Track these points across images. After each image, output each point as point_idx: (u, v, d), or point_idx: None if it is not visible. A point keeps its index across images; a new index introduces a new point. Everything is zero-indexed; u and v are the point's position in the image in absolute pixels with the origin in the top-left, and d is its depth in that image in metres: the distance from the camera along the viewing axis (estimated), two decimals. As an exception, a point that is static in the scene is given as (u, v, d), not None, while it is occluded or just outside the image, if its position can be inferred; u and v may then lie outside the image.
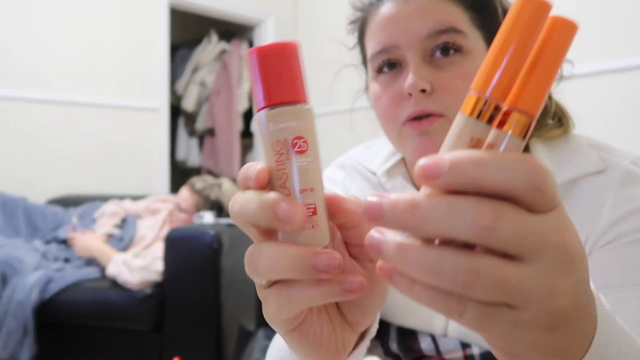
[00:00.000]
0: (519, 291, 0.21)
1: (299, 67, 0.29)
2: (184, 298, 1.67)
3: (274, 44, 0.28)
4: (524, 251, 0.22)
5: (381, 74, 0.59)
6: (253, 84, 0.29)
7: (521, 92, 0.23)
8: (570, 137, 0.59)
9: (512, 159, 0.21)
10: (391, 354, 0.69)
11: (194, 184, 2.08)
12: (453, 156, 0.21)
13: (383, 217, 0.22)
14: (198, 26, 3.75)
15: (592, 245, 0.53)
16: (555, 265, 0.22)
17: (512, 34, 0.22)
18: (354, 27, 0.65)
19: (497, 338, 0.24)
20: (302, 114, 0.29)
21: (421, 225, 0.22)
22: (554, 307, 0.22)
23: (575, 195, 0.55)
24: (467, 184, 0.21)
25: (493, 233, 0.21)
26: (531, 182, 0.21)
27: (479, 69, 0.24)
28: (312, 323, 0.31)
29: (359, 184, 0.71)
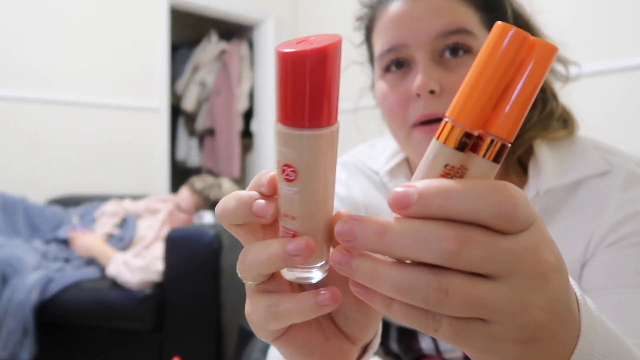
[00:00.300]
0: (490, 307, 0.22)
1: (325, 81, 0.24)
2: (184, 298, 1.67)
3: (308, 51, 0.23)
4: (493, 272, 0.22)
5: (388, 73, 0.58)
6: (297, 94, 0.24)
7: (497, 119, 0.23)
8: (575, 138, 0.59)
9: (481, 189, 0.22)
10: (391, 354, 0.69)
11: (194, 184, 2.08)
12: (422, 187, 0.22)
13: (355, 240, 0.23)
14: (198, 26, 3.75)
15: (595, 246, 0.53)
16: (527, 282, 0.22)
17: (488, 62, 0.22)
18: (361, 23, 0.64)
19: (474, 351, 0.24)
20: (300, 142, 0.25)
21: (390, 249, 0.22)
22: (528, 322, 0.23)
23: (579, 196, 0.55)
24: (435, 214, 0.22)
25: (458, 258, 0.21)
26: (499, 213, 0.21)
27: (455, 96, 0.24)
28: (297, 333, 0.32)
29: (361, 183, 0.71)
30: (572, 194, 0.56)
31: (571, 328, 0.26)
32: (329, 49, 0.23)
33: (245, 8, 3.36)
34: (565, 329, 0.25)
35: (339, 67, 0.24)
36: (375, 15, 0.60)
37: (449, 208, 0.22)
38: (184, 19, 3.61)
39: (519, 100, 0.23)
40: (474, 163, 0.24)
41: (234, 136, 3.57)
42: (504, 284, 0.22)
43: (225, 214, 0.28)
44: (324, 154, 0.25)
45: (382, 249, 0.23)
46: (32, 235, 2.06)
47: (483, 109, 0.23)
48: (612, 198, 0.53)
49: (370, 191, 0.69)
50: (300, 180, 0.26)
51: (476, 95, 0.23)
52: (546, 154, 0.58)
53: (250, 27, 3.60)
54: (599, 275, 0.52)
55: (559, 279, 0.24)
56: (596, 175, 0.55)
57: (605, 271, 0.51)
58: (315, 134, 0.25)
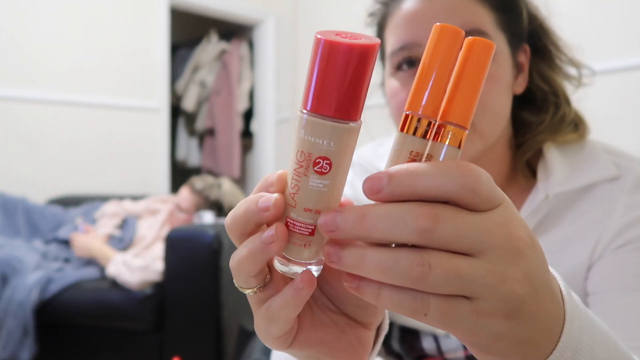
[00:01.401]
0: (470, 281, 0.23)
1: (366, 78, 0.25)
2: (184, 298, 1.67)
3: (354, 45, 0.24)
4: (468, 248, 0.24)
5: (400, 71, 0.58)
6: (309, 74, 0.25)
7: (450, 107, 0.25)
8: (585, 142, 0.59)
9: (444, 166, 0.24)
10: (393, 353, 0.69)
11: (194, 184, 2.08)
12: (392, 170, 0.24)
13: (338, 229, 0.24)
14: (198, 26, 3.75)
15: (603, 248, 0.53)
16: (502, 256, 0.24)
17: (433, 57, 0.25)
18: (373, 20, 0.64)
19: (463, 332, 0.25)
20: (341, 134, 0.25)
21: (371, 233, 0.24)
22: (509, 294, 0.24)
23: (587, 200, 0.55)
24: (406, 193, 0.24)
25: (433, 234, 0.23)
26: (463, 185, 0.23)
27: (410, 91, 0.26)
28: (309, 335, 0.32)
29: None
30: (581, 198, 0.55)
31: (554, 310, 0.27)
32: (377, 45, 0.25)
33: (245, 8, 3.36)
34: (546, 308, 0.26)
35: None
36: (389, 12, 0.59)
37: (418, 185, 0.23)
38: (184, 19, 3.61)
39: (468, 90, 0.25)
40: (438, 150, 0.26)
41: (234, 136, 3.57)
42: (482, 258, 0.24)
43: (236, 221, 0.28)
44: (354, 147, 0.27)
45: (363, 234, 0.24)
46: (32, 235, 2.06)
47: (435, 99, 0.25)
48: (620, 201, 0.53)
49: None
50: (333, 173, 0.26)
51: (425, 87, 0.25)
52: (556, 157, 0.57)
53: (250, 27, 3.60)
54: (605, 278, 0.52)
55: (534, 255, 0.25)
56: (606, 180, 0.55)
57: (611, 274, 0.51)
58: (355, 127, 0.26)
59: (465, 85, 0.25)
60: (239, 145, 3.60)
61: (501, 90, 0.55)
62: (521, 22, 0.58)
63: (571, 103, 0.61)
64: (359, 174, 0.72)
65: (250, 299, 0.31)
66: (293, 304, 0.28)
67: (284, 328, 0.29)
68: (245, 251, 0.28)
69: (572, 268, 0.55)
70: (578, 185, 0.55)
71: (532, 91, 0.61)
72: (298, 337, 0.32)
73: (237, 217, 0.28)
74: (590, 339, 0.28)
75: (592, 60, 0.64)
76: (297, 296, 0.28)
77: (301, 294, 0.28)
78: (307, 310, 0.33)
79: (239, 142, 3.62)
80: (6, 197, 2.11)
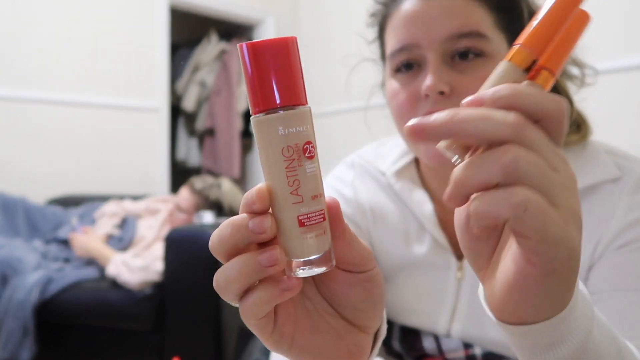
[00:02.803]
0: (552, 181, 0.25)
1: (300, 66, 0.28)
2: (184, 298, 1.67)
3: (274, 39, 0.26)
4: (550, 159, 0.26)
5: (399, 73, 0.58)
6: (253, 82, 0.27)
7: (551, 56, 0.29)
8: (586, 143, 0.59)
9: (544, 92, 0.27)
10: (393, 353, 0.69)
11: (193, 184, 2.07)
12: (495, 88, 0.27)
13: (428, 123, 0.26)
14: (198, 26, 3.75)
15: (603, 248, 0.53)
16: (569, 182, 0.26)
17: (553, 13, 0.29)
18: (374, 20, 0.64)
19: (531, 232, 0.25)
20: (310, 117, 0.28)
21: (461, 125, 0.25)
22: (577, 206, 0.26)
23: (589, 200, 0.55)
24: (506, 104, 0.26)
25: (525, 130, 0.25)
26: (558, 108, 0.26)
27: (526, 29, 0.30)
28: (307, 338, 0.32)
29: (368, 184, 0.70)
30: (583, 199, 0.55)
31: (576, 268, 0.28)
32: (294, 38, 0.28)
33: (245, 8, 3.36)
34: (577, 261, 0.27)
35: None
36: (389, 12, 0.59)
37: (520, 101, 0.26)
38: (184, 19, 3.61)
39: (566, 46, 0.30)
40: None
41: (234, 136, 3.56)
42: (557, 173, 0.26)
43: (222, 243, 0.28)
44: None
45: (455, 127, 0.26)
46: (32, 235, 2.06)
47: (543, 44, 0.29)
48: (621, 202, 0.53)
49: (376, 192, 0.69)
50: (316, 154, 0.28)
51: (543, 32, 0.29)
52: None
53: (250, 27, 3.60)
54: (605, 278, 0.52)
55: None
56: (608, 181, 0.55)
57: (611, 274, 0.51)
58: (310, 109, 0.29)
59: (566, 42, 0.30)
60: (239, 145, 3.60)
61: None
62: (522, 22, 0.58)
63: (574, 103, 0.61)
64: (360, 175, 0.71)
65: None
66: (272, 303, 0.28)
67: (260, 314, 0.29)
68: (236, 272, 0.28)
69: None
70: (579, 186, 0.55)
71: None
72: (297, 342, 0.31)
73: (224, 239, 0.28)
74: (590, 306, 0.31)
75: (594, 60, 0.64)
76: (281, 297, 0.28)
77: (284, 296, 0.28)
78: (306, 315, 0.33)
79: (239, 142, 3.62)
80: (6, 197, 2.10)
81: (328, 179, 0.74)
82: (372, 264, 0.31)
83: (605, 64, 1.77)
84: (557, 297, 0.27)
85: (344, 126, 3.01)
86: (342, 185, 0.71)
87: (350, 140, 2.94)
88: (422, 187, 0.66)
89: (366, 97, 0.74)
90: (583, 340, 0.29)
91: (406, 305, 0.65)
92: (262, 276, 0.28)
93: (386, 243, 0.67)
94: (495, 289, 0.29)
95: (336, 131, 3.10)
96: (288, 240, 0.28)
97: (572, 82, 0.62)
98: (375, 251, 0.68)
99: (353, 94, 0.79)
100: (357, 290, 0.31)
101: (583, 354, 0.30)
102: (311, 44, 3.32)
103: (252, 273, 0.27)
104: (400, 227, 0.66)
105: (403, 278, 0.66)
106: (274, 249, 0.27)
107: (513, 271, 0.27)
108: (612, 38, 1.81)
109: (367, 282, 0.31)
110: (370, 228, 0.68)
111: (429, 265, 0.63)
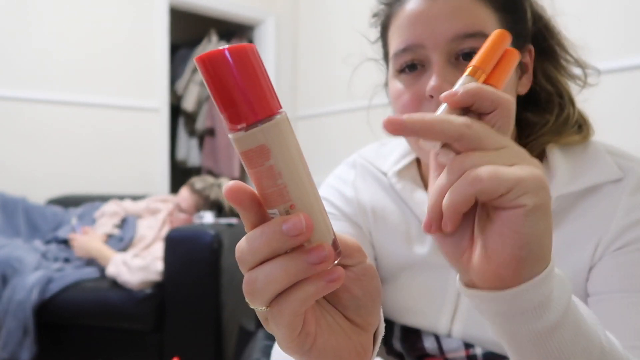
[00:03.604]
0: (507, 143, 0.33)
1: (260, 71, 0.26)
2: (184, 298, 1.67)
3: (232, 46, 0.25)
4: (494, 143, 0.32)
5: (402, 74, 0.57)
6: (229, 96, 0.25)
7: (494, 76, 0.39)
8: (588, 143, 0.59)
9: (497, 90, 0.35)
10: (394, 352, 0.69)
11: (194, 184, 2.07)
12: (465, 86, 0.34)
13: (403, 125, 0.31)
14: (198, 26, 3.75)
15: (603, 249, 0.53)
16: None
17: (493, 47, 0.39)
18: (377, 20, 0.63)
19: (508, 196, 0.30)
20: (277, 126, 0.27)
21: (429, 127, 0.31)
22: (525, 159, 0.32)
23: (591, 201, 0.55)
24: (474, 93, 0.34)
25: (471, 127, 0.32)
26: (507, 100, 0.34)
27: (478, 54, 0.38)
28: (325, 339, 0.32)
29: (369, 184, 0.70)
30: (584, 199, 0.55)
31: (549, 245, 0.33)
32: (250, 45, 0.27)
33: (245, 8, 3.36)
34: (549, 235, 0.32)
35: None
36: (392, 12, 0.58)
37: (482, 92, 0.34)
38: (184, 19, 3.61)
39: (503, 72, 0.40)
40: None
41: (234, 136, 3.56)
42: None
43: (254, 253, 0.28)
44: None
45: (424, 126, 0.31)
46: (32, 235, 2.06)
47: (490, 67, 0.39)
48: (621, 203, 0.53)
49: (377, 193, 0.68)
50: (274, 157, 0.29)
51: (487, 59, 0.39)
52: (559, 159, 0.57)
53: (250, 27, 3.60)
54: (604, 279, 0.52)
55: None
56: (609, 182, 0.54)
57: (611, 275, 0.51)
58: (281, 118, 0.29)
59: (503, 70, 0.39)
60: (239, 145, 3.59)
61: (505, 91, 0.55)
62: (525, 23, 0.57)
63: (575, 104, 0.61)
64: (361, 175, 0.71)
65: (261, 315, 0.30)
66: (318, 296, 0.28)
67: (294, 319, 0.29)
68: (279, 271, 0.27)
69: (574, 269, 0.54)
70: (581, 187, 0.55)
71: (536, 92, 0.61)
72: (317, 343, 0.31)
73: (258, 248, 0.27)
74: (559, 293, 0.34)
75: (595, 61, 0.64)
76: (328, 288, 0.28)
77: (331, 287, 0.28)
78: (321, 315, 0.33)
79: (239, 142, 3.61)
80: (6, 197, 2.10)
81: (329, 179, 0.74)
82: (363, 255, 0.32)
83: (605, 64, 1.77)
84: (539, 241, 0.31)
85: (344, 126, 3.01)
86: (344, 185, 0.71)
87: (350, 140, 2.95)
88: (423, 187, 0.65)
89: (366, 96, 0.74)
90: (565, 305, 0.34)
91: (407, 305, 0.65)
92: (310, 273, 0.27)
93: (387, 243, 0.67)
94: (477, 264, 0.33)
95: (336, 131, 3.11)
96: (317, 232, 0.28)
97: (574, 82, 0.62)
98: (376, 251, 0.68)
99: (354, 93, 0.79)
100: (356, 285, 0.32)
101: (565, 320, 0.34)
102: (311, 44, 3.32)
103: (301, 272, 0.27)
104: (402, 227, 0.66)
105: (404, 278, 0.66)
106: (297, 216, 0.27)
107: (495, 236, 0.32)
108: (612, 38, 1.81)
109: (362, 276, 0.32)
110: (372, 228, 0.68)
111: (430, 266, 0.63)
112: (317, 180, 0.34)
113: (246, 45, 0.25)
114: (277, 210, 0.28)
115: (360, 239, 0.67)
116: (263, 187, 0.27)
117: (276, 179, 0.27)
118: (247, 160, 0.27)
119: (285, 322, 0.29)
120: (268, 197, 0.27)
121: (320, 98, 3.21)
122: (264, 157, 0.26)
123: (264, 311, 0.29)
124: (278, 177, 0.27)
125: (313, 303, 0.30)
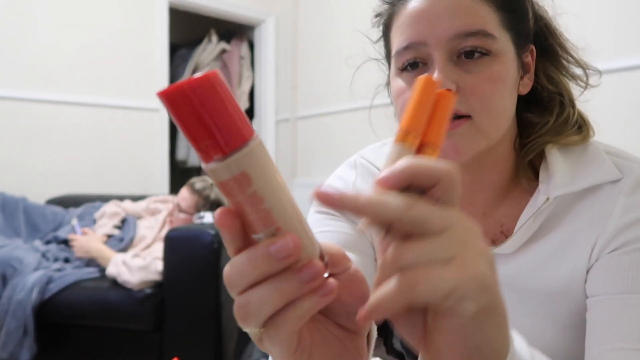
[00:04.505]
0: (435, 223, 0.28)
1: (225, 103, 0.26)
2: (184, 298, 1.67)
3: (194, 79, 0.24)
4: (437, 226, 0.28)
5: (405, 72, 0.57)
6: (198, 130, 0.25)
7: (431, 131, 0.35)
8: (587, 144, 0.59)
9: (433, 160, 0.30)
10: (394, 352, 0.69)
11: (194, 184, 2.07)
12: (396, 165, 0.29)
13: (334, 202, 0.27)
14: (198, 26, 3.75)
15: (600, 250, 0.53)
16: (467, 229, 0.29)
17: (421, 99, 0.35)
18: (379, 20, 0.63)
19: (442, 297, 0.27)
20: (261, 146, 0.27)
21: (364, 211, 0.28)
22: (477, 246, 0.28)
23: (589, 201, 0.55)
24: (408, 175, 0.29)
25: (410, 211, 0.27)
26: (448, 171, 0.29)
27: (405, 111, 0.34)
28: (321, 350, 0.32)
29: (370, 185, 0.70)
30: (583, 200, 0.55)
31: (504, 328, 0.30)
32: (213, 73, 0.26)
33: (245, 8, 3.36)
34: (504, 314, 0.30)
35: None
36: (395, 11, 0.59)
37: (416, 171, 0.29)
38: (184, 19, 3.61)
39: (441, 121, 0.35)
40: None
41: (234, 136, 3.56)
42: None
43: (242, 277, 0.27)
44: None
45: (359, 209, 0.28)
46: (32, 235, 2.06)
47: (423, 123, 0.34)
48: (618, 203, 0.53)
49: None
50: (255, 184, 0.28)
51: (420, 115, 0.35)
52: (558, 159, 0.57)
53: (250, 27, 3.60)
54: (601, 280, 0.52)
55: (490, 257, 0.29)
56: (608, 182, 0.54)
57: (607, 277, 0.51)
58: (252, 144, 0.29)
59: (439, 120, 0.35)
60: (238, 146, 3.60)
61: (506, 91, 0.55)
62: (527, 22, 0.57)
63: (576, 105, 0.61)
64: (362, 175, 0.71)
65: (254, 337, 0.30)
66: (313, 311, 0.28)
67: (289, 336, 0.29)
68: (275, 293, 0.27)
69: (573, 270, 0.54)
70: (579, 188, 0.55)
71: (537, 92, 0.61)
72: (314, 355, 0.31)
73: (246, 272, 0.27)
74: None
75: (595, 61, 0.64)
76: (322, 303, 0.28)
77: (325, 301, 0.28)
78: (315, 327, 0.33)
79: (239, 142, 3.61)
80: (6, 197, 2.10)
81: (330, 179, 0.74)
82: (348, 261, 0.32)
83: (605, 64, 1.77)
84: (489, 343, 0.29)
85: (345, 126, 3.01)
86: (344, 185, 0.71)
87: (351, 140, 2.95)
88: None
89: (367, 96, 0.74)
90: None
91: None
92: (303, 291, 0.27)
93: None
94: (433, 354, 0.30)
95: (336, 131, 3.11)
96: (304, 249, 0.28)
97: (575, 82, 0.62)
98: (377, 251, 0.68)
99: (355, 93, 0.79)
100: (344, 292, 0.31)
101: None
102: (311, 44, 3.32)
103: (295, 292, 0.27)
104: None
105: (404, 278, 0.66)
106: (284, 238, 0.27)
107: (442, 338, 0.29)
108: (612, 38, 1.81)
109: (351, 282, 0.32)
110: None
111: None
112: (318, 180, 0.33)
113: (209, 75, 0.24)
114: (262, 235, 0.27)
115: (361, 239, 0.67)
116: (246, 214, 0.27)
117: (259, 204, 0.26)
118: (226, 191, 0.26)
119: (282, 341, 0.28)
120: (252, 223, 0.27)
121: (320, 98, 3.21)
122: (245, 185, 0.25)
123: (258, 333, 0.29)
124: (261, 202, 0.26)
125: None
